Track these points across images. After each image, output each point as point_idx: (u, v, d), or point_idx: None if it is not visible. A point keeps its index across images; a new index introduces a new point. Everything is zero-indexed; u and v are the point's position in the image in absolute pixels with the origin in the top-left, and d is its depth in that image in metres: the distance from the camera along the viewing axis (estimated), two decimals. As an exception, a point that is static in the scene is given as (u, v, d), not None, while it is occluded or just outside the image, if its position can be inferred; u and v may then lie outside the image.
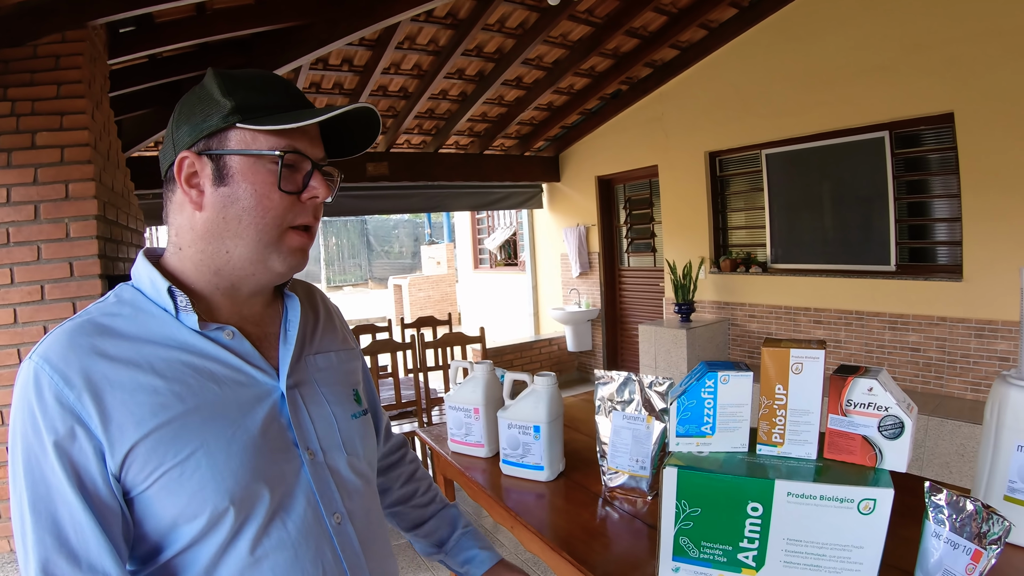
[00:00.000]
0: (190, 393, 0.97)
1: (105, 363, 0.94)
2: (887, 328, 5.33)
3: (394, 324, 6.99)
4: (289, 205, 1.03)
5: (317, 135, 1.07)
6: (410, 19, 5.23)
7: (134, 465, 0.91)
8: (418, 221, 27.59)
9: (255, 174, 1.00)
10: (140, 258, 1.08)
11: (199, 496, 0.93)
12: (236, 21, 4.35)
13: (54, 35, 3.44)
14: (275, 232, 1.03)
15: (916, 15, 4.90)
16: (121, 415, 0.92)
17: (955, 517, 1.07)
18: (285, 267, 1.06)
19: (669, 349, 6.51)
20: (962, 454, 4.29)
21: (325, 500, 1.07)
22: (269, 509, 0.99)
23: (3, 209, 3.26)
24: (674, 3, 5.89)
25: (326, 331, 1.28)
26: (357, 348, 1.39)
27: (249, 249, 1.03)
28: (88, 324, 0.98)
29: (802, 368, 1.27)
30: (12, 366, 3.28)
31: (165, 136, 1.08)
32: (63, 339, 0.95)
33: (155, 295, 1.03)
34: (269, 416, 1.04)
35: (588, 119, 8.44)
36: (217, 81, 1.01)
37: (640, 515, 1.71)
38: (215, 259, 1.04)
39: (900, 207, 5.27)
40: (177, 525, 0.94)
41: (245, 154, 1.00)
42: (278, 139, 1.01)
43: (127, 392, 0.93)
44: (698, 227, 7.08)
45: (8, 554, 3.37)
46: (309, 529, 1.03)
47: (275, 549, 0.99)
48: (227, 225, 1.02)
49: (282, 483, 1.02)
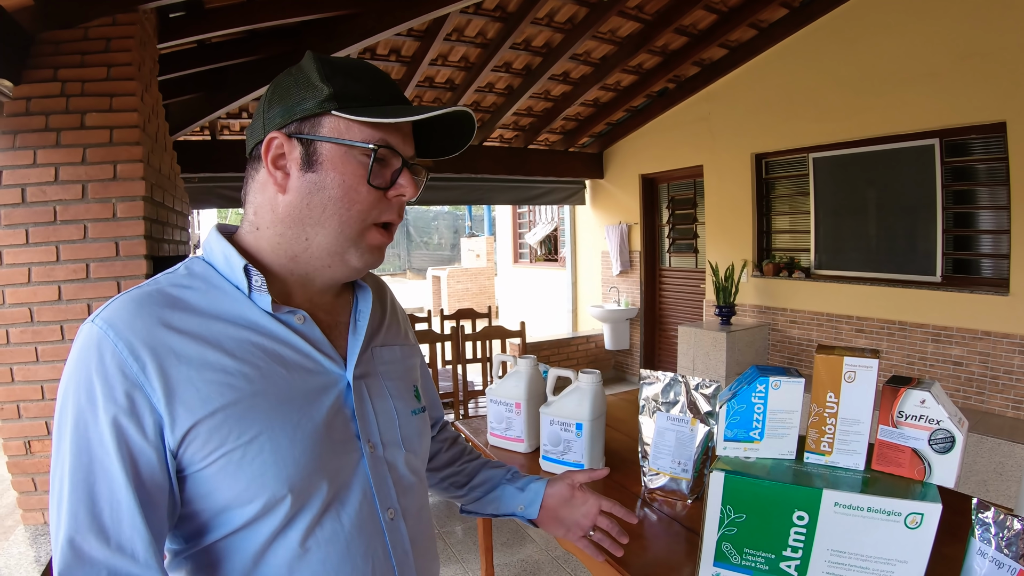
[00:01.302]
0: (259, 375, 0.96)
1: (173, 335, 0.92)
2: (930, 340, 5.24)
3: (432, 315, 6.99)
4: (375, 200, 1.02)
5: (409, 133, 1.06)
6: (459, 11, 5.23)
7: (194, 443, 0.90)
8: (458, 213, 27.67)
9: (345, 164, 0.99)
10: (214, 232, 1.06)
11: (258, 481, 0.92)
12: (285, 8, 4.37)
13: (105, 18, 3.47)
14: (358, 226, 1.02)
15: (969, 22, 4.81)
16: (186, 391, 0.90)
17: (1001, 535, 1.06)
18: (362, 263, 1.05)
19: (708, 352, 6.47)
20: (1000, 472, 4.21)
21: (381, 495, 1.06)
22: (325, 500, 0.98)
23: (51, 188, 3.30)
24: (724, 2, 5.83)
25: (391, 325, 1.27)
26: (417, 345, 1.38)
27: (329, 240, 1.02)
28: (157, 294, 0.96)
29: (855, 377, 1.26)
30: (55, 342, 3.32)
31: (255, 113, 1.06)
32: (131, 306, 0.92)
33: (228, 272, 1.02)
34: (334, 406, 1.03)
35: (634, 116, 8.38)
36: (317, 65, 0.99)
37: (679, 518, 1.71)
38: (293, 245, 1.03)
39: (948, 217, 5.17)
40: (230, 508, 0.93)
41: (338, 143, 0.99)
42: (373, 132, 0.99)
43: (194, 368, 0.91)
44: (742, 229, 7.02)
45: (42, 526, 3.43)
46: (363, 523, 1.02)
47: (327, 541, 0.98)
48: (310, 212, 1.00)
49: (341, 475, 1.01)
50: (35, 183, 3.28)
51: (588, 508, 1.41)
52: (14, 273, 3.26)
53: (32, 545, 3.20)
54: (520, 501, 1.44)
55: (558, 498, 1.43)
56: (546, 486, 1.44)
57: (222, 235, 1.05)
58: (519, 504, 1.44)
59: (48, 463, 3.24)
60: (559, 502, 1.43)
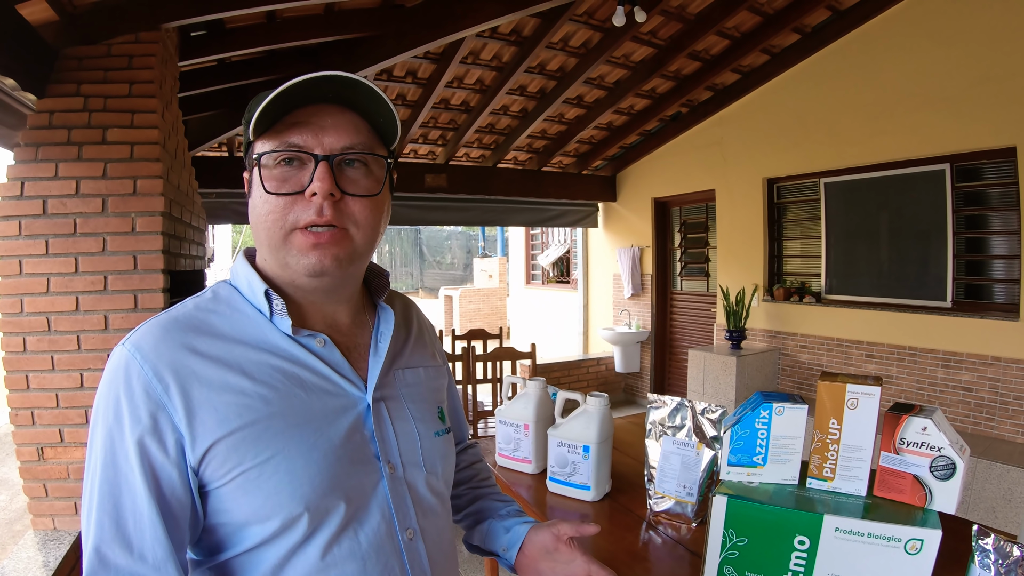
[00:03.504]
0: (277, 397, 0.98)
1: (196, 359, 0.96)
2: (940, 366, 5.23)
3: (444, 335, 7.00)
4: (286, 205, 0.99)
5: (335, 127, 1.00)
6: (475, 35, 5.30)
7: (213, 461, 0.93)
8: (471, 234, 27.74)
9: (255, 180, 1.01)
10: (240, 258, 1.09)
11: (274, 499, 0.94)
12: (305, 30, 4.44)
13: (128, 35, 3.52)
14: (278, 234, 1.00)
15: (981, 48, 4.84)
16: (206, 412, 0.94)
17: (1001, 562, 1.07)
18: (303, 268, 1.00)
19: (718, 376, 6.46)
20: (1009, 499, 4.18)
21: (400, 515, 1.06)
22: (343, 519, 0.99)
23: (72, 200, 3.33)
24: (737, 28, 5.88)
25: (417, 346, 1.27)
26: (445, 365, 1.38)
27: (269, 254, 1.04)
28: (184, 318, 1.00)
29: (857, 404, 1.28)
30: (71, 351, 3.34)
31: None
32: (157, 331, 0.97)
33: (251, 296, 1.05)
34: (352, 427, 1.04)
35: (647, 140, 8.43)
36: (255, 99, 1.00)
37: (684, 541, 1.72)
38: (271, 266, 1.06)
39: (958, 242, 5.18)
40: (249, 524, 0.95)
41: (249, 163, 1.02)
42: (275, 141, 0.99)
43: (214, 390, 0.95)
44: (753, 254, 7.03)
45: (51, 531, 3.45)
46: (381, 543, 1.03)
47: (344, 559, 0.99)
48: (255, 233, 1.04)
49: (360, 495, 1.02)
50: (56, 195, 3.31)
51: (574, 572, 1.22)
52: (33, 283, 3.29)
53: (41, 550, 3.21)
54: (503, 543, 1.33)
55: (539, 547, 1.28)
56: (528, 531, 1.31)
57: (247, 259, 1.09)
58: (502, 545, 1.33)
59: (60, 470, 3.27)
60: (540, 552, 1.27)
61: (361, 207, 1.02)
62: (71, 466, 3.34)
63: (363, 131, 1.04)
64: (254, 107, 0.97)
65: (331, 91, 1.00)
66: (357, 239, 1.03)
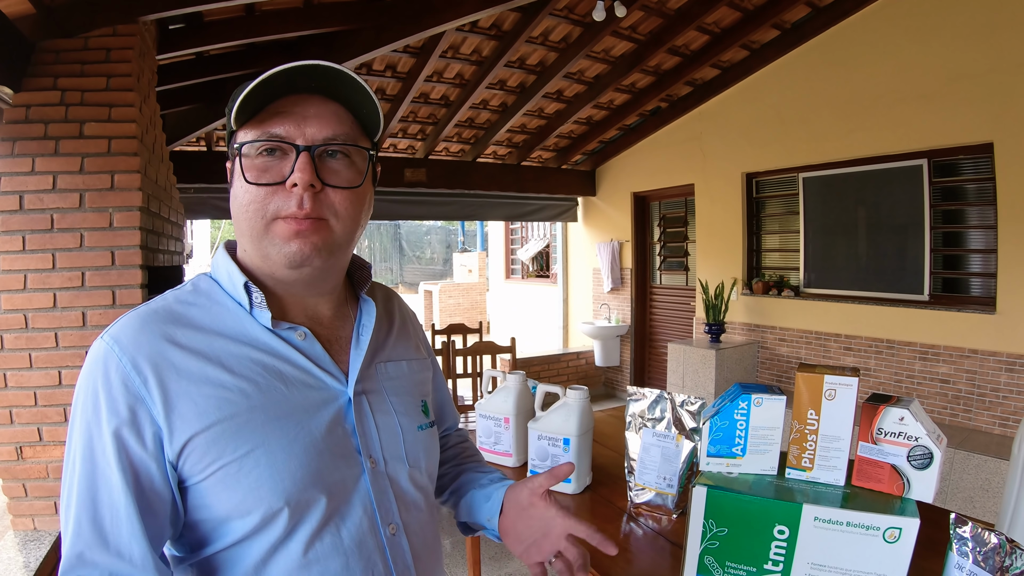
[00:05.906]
0: (256, 391, 0.97)
1: (175, 351, 0.95)
2: (918, 358, 5.28)
3: (424, 329, 6.98)
4: (267, 195, 0.97)
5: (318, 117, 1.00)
6: (455, 29, 5.28)
7: (192, 455, 0.92)
8: (451, 228, 27.67)
9: (236, 170, 0.99)
10: (221, 250, 1.08)
11: (254, 494, 0.93)
12: (284, 23, 4.42)
13: (105, 28, 3.48)
14: (259, 224, 0.98)
15: (959, 45, 4.88)
16: (184, 405, 0.92)
17: (978, 550, 1.07)
18: (283, 257, 0.99)
19: (697, 369, 6.49)
20: (987, 489, 4.23)
21: (382, 510, 1.05)
22: (325, 514, 0.98)
23: (49, 196, 3.29)
24: (717, 23, 5.90)
25: (400, 339, 1.26)
26: (430, 357, 1.37)
27: (250, 245, 1.02)
28: (163, 310, 0.99)
29: (835, 395, 1.28)
30: (49, 348, 3.31)
31: None
32: (136, 323, 0.96)
33: (231, 288, 1.04)
34: (333, 421, 1.03)
35: (626, 135, 8.45)
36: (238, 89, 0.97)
37: (664, 532, 1.73)
38: (252, 257, 1.04)
39: (936, 236, 5.23)
40: (230, 519, 0.94)
41: (231, 153, 1.01)
42: (257, 131, 0.98)
43: (193, 383, 0.94)
44: (732, 248, 7.06)
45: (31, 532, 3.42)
46: (363, 538, 1.02)
47: (327, 555, 0.98)
48: (236, 224, 1.02)
49: (341, 489, 1.01)
50: (33, 191, 3.27)
51: (553, 529, 1.16)
52: (10, 279, 3.25)
53: (21, 551, 3.18)
54: (486, 512, 1.27)
55: (516, 506, 1.22)
56: (506, 492, 1.25)
57: (227, 252, 1.07)
58: (486, 516, 1.27)
59: (39, 469, 3.24)
60: (516, 510, 1.21)
61: (342, 199, 1.01)
62: (50, 465, 3.31)
63: (346, 122, 1.03)
64: (236, 95, 0.95)
65: (315, 81, 0.99)
66: (337, 230, 1.01)
